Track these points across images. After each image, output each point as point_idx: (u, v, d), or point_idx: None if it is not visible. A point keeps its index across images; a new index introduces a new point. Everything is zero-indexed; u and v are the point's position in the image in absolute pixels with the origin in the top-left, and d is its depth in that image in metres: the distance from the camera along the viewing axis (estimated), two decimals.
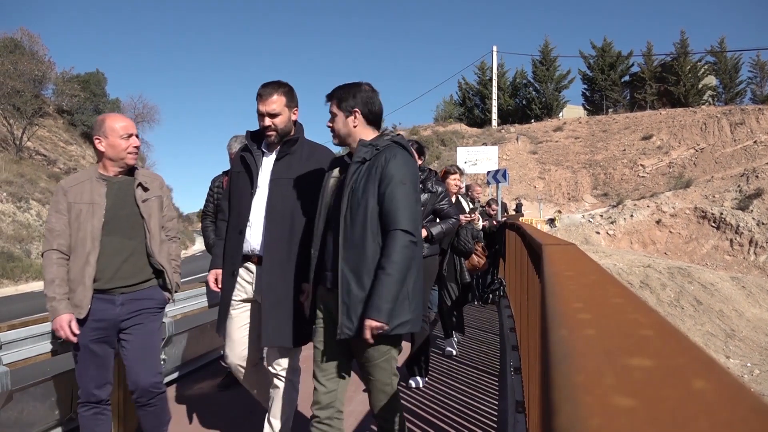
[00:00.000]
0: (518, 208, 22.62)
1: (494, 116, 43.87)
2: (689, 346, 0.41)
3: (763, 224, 24.05)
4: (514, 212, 19.31)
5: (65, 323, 2.50)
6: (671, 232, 25.92)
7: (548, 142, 38.87)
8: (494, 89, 44.73)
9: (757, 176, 27.57)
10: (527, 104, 46.02)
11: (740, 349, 14.96)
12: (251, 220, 2.64)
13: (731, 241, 24.32)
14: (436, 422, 3.49)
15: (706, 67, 42.15)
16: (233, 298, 2.71)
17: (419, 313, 2.24)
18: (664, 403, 0.30)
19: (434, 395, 4.01)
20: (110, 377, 2.71)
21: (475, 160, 25.44)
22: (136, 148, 2.71)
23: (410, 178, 2.21)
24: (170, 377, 4.34)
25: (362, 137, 2.28)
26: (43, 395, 3.10)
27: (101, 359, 2.63)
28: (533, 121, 43.25)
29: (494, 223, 8.21)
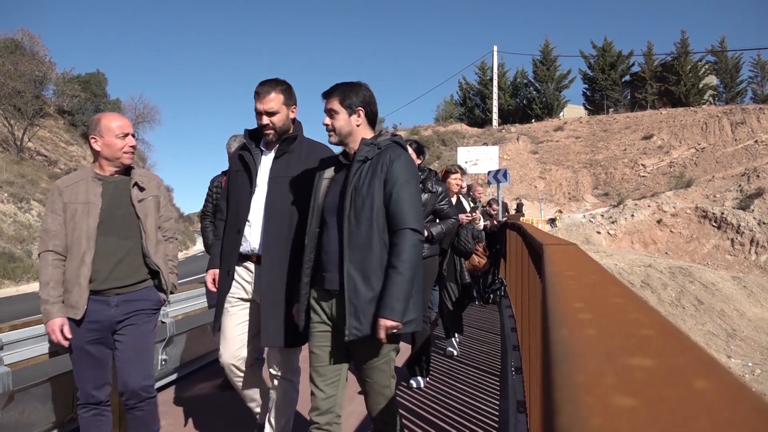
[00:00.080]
0: (519, 208, 22.58)
1: (495, 116, 43.85)
2: (690, 345, 0.41)
3: (764, 224, 24.02)
4: (514, 212, 19.28)
5: (57, 327, 2.49)
6: (672, 231, 25.90)
7: (549, 141, 38.84)
8: (495, 89, 44.70)
9: (758, 176, 27.53)
10: (528, 104, 45.99)
11: (741, 348, 14.94)
12: (250, 219, 2.60)
13: (732, 240, 24.29)
14: (437, 422, 3.49)
15: (706, 66, 42.10)
16: (230, 297, 2.67)
17: (421, 312, 2.25)
18: (665, 402, 0.30)
19: (435, 395, 4.01)
20: (109, 378, 2.69)
21: (475, 160, 25.50)
22: (132, 147, 2.67)
23: (414, 178, 2.24)
24: (171, 377, 4.35)
25: (364, 136, 2.27)
26: (44, 396, 3.09)
27: (98, 361, 2.61)
28: (534, 120, 43.22)
29: (495, 223, 8.20)
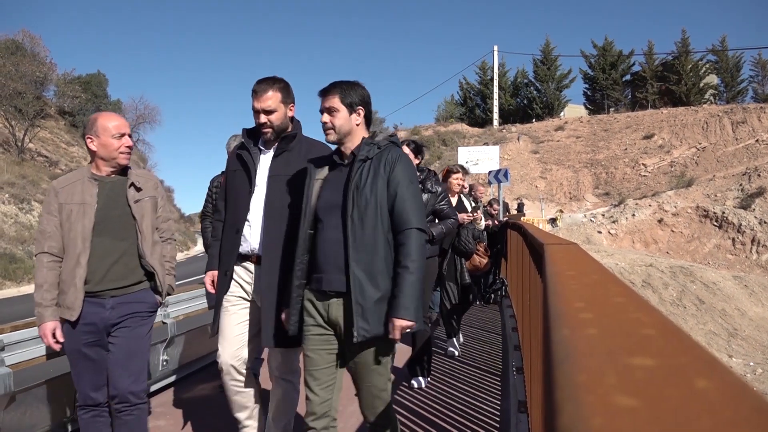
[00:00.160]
0: (520, 207, 22.56)
1: (495, 116, 43.82)
2: (691, 345, 0.41)
3: (765, 223, 24.00)
4: (515, 212, 19.28)
5: (48, 332, 2.47)
6: (673, 231, 25.88)
7: (549, 141, 38.82)
8: (495, 89, 44.68)
9: (759, 175, 27.50)
10: (528, 104, 45.96)
11: (743, 348, 14.93)
12: (250, 219, 2.57)
13: (733, 240, 24.26)
14: (438, 422, 3.49)
15: (707, 66, 42.03)
16: (230, 296, 2.63)
17: (422, 311, 2.25)
18: (666, 402, 0.30)
19: (437, 395, 4.01)
20: (106, 380, 2.66)
21: (476, 159, 25.48)
22: (128, 147, 2.63)
23: (416, 179, 2.27)
24: (171, 378, 4.35)
25: (363, 136, 2.27)
26: (45, 396, 3.10)
27: (96, 363, 2.58)
28: (534, 120, 43.17)
29: (496, 222, 8.20)
